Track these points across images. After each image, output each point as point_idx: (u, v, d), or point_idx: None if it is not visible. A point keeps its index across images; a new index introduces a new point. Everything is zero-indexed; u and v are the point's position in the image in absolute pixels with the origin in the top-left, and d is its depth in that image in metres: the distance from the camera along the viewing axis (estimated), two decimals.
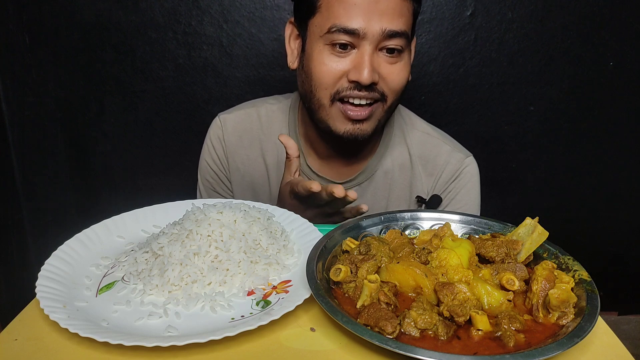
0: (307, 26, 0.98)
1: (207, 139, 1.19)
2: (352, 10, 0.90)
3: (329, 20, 0.92)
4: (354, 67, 0.93)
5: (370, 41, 0.92)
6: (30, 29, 1.60)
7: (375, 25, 0.90)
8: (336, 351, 0.56)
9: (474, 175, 1.14)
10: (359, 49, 0.93)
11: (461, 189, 1.13)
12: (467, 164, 1.13)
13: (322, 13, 0.94)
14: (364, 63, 0.92)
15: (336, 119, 0.98)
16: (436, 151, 1.13)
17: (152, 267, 0.69)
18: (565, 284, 0.61)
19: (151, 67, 1.65)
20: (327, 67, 0.95)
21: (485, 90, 1.71)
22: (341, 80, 0.95)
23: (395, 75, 0.96)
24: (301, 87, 1.04)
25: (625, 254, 1.98)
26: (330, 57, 0.94)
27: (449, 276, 0.64)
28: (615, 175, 1.84)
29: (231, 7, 1.59)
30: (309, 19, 0.97)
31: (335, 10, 0.92)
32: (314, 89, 0.97)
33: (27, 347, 0.56)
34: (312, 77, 0.97)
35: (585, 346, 0.57)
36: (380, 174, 1.12)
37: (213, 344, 0.56)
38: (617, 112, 1.76)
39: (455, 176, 1.13)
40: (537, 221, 0.72)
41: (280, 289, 0.68)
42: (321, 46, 0.95)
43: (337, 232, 0.75)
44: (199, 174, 1.22)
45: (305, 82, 1.00)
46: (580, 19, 1.63)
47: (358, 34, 0.91)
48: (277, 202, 1.01)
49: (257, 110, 1.17)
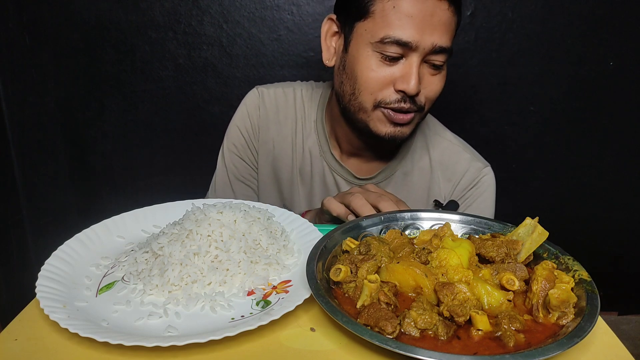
0: (353, 27, 0.97)
1: (243, 105, 1.18)
2: (407, 22, 0.90)
3: (383, 29, 0.92)
4: (402, 76, 0.94)
5: (420, 53, 0.93)
6: (30, 29, 1.60)
7: (427, 39, 0.91)
8: (336, 351, 0.56)
9: (490, 185, 1.16)
10: (407, 59, 0.94)
11: (478, 197, 1.15)
12: (486, 173, 1.15)
13: (374, 19, 0.93)
14: (412, 74, 0.93)
15: (378, 121, 0.99)
16: (456, 158, 1.15)
17: (152, 267, 0.69)
18: (565, 284, 0.61)
19: (151, 67, 1.65)
20: (375, 73, 0.95)
21: (485, 90, 1.71)
22: (387, 88, 0.96)
23: (434, 85, 0.99)
24: (339, 87, 1.04)
25: (625, 254, 1.98)
26: (378, 64, 0.95)
27: (449, 276, 0.64)
28: (615, 176, 1.84)
29: (231, 7, 1.59)
30: (357, 21, 0.96)
31: (391, 19, 0.91)
32: (357, 92, 0.98)
33: (27, 347, 0.56)
34: (357, 81, 0.97)
35: (585, 346, 0.57)
36: (399, 175, 1.14)
37: (213, 344, 0.56)
38: (617, 112, 1.76)
39: (473, 184, 1.15)
40: (537, 221, 0.72)
41: (280, 289, 0.68)
42: (370, 52, 0.95)
43: (337, 232, 0.75)
44: (225, 139, 1.20)
45: (346, 84, 1.00)
46: (580, 19, 1.63)
47: (410, 46, 0.91)
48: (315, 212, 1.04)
49: (294, 91, 1.18)
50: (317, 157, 1.14)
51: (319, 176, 1.15)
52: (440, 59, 0.95)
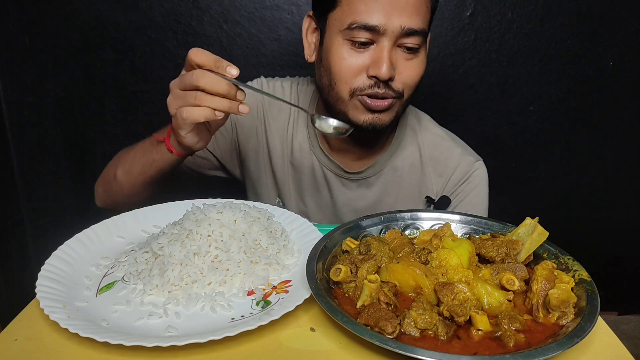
0: (326, 20, 0.98)
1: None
2: (372, 6, 0.91)
3: (350, 15, 0.92)
4: (373, 62, 0.94)
5: (390, 37, 0.92)
6: (30, 29, 1.59)
7: (395, 21, 0.91)
8: (336, 351, 0.57)
9: (482, 179, 1.15)
10: (378, 44, 0.94)
11: (470, 192, 1.14)
12: (477, 167, 1.15)
13: (342, 7, 0.94)
14: (383, 59, 0.92)
15: (355, 110, 0.99)
16: (447, 153, 1.15)
17: (152, 267, 0.69)
18: (565, 284, 0.61)
19: (151, 67, 1.65)
20: (346, 61, 0.95)
21: (485, 90, 1.71)
22: (360, 75, 0.96)
23: (411, 70, 0.97)
24: (319, 81, 1.05)
25: (625, 254, 1.98)
26: (349, 52, 0.95)
27: (449, 276, 0.64)
28: (615, 175, 1.84)
29: (231, 7, 1.59)
30: (328, 12, 0.97)
31: (356, 5, 0.92)
32: (333, 82, 0.99)
33: (27, 347, 0.56)
34: (332, 71, 0.98)
35: (585, 346, 0.57)
36: (389, 171, 1.14)
37: (213, 344, 0.56)
38: (617, 112, 1.76)
39: (464, 179, 1.14)
40: (537, 221, 0.72)
41: (280, 289, 0.68)
42: (341, 40, 0.95)
43: (337, 232, 0.75)
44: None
45: (324, 76, 1.01)
46: (580, 19, 1.63)
47: (378, 30, 0.91)
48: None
49: (291, 86, 1.19)
50: (307, 151, 1.14)
51: (308, 170, 1.15)
52: (414, 41, 0.94)
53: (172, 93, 0.87)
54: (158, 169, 0.97)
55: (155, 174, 0.98)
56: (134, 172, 1.00)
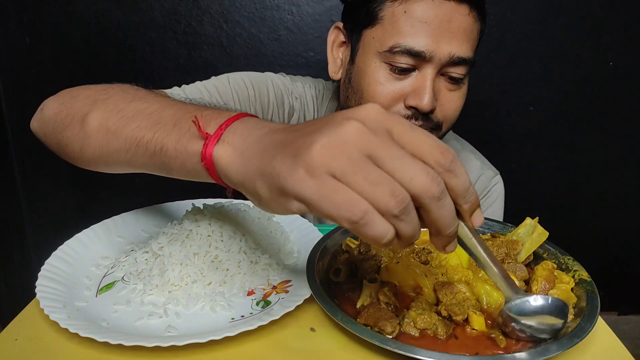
0: (360, 36, 0.87)
1: (272, 76, 1.06)
2: (420, 28, 0.80)
3: (392, 37, 0.82)
4: (414, 91, 0.84)
5: (435, 65, 0.82)
6: (31, 29, 1.59)
7: (444, 48, 0.81)
8: (336, 351, 0.56)
9: (500, 194, 1.14)
10: (421, 71, 0.84)
11: (489, 207, 1.12)
12: (496, 182, 1.13)
13: (383, 26, 0.83)
14: (426, 89, 0.83)
15: None
16: (467, 166, 1.11)
17: (152, 267, 0.69)
18: (565, 284, 0.61)
19: (151, 67, 1.65)
20: (383, 87, 0.85)
21: (485, 91, 1.71)
22: (397, 104, 0.86)
23: (453, 103, 0.89)
24: (344, 103, 0.95)
25: (625, 254, 1.98)
26: (387, 78, 0.85)
27: (449, 276, 0.64)
28: (615, 176, 1.84)
29: (231, 7, 1.59)
30: (365, 28, 0.86)
31: (401, 25, 0.81)
32: None
33: (27, 347, 0.56)
34: (363, 96, 0.87)
35: (585, 346, 0.57)
36: None
37: (213, 344, 0.56)
38: (617, 112, 1.76)
39: (484, 193, 1.12)
40: (537, 221, 0.72)
41: (280, 289, 0.68)
42: (378, 63, 0.85)
43: (337, 232, 0.75)
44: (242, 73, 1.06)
45: (352, 99, 0.91)
46: (580, 19, 1.63)
47: (424, 57, 0.81)
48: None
49: (303, 86, 1.09)
50: None
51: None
52: (460, 71, 0.85)
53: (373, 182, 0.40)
54: (166, 171, 0.63)
55: (156, 171, 0.65)
56: (121, 149, 0.63)
